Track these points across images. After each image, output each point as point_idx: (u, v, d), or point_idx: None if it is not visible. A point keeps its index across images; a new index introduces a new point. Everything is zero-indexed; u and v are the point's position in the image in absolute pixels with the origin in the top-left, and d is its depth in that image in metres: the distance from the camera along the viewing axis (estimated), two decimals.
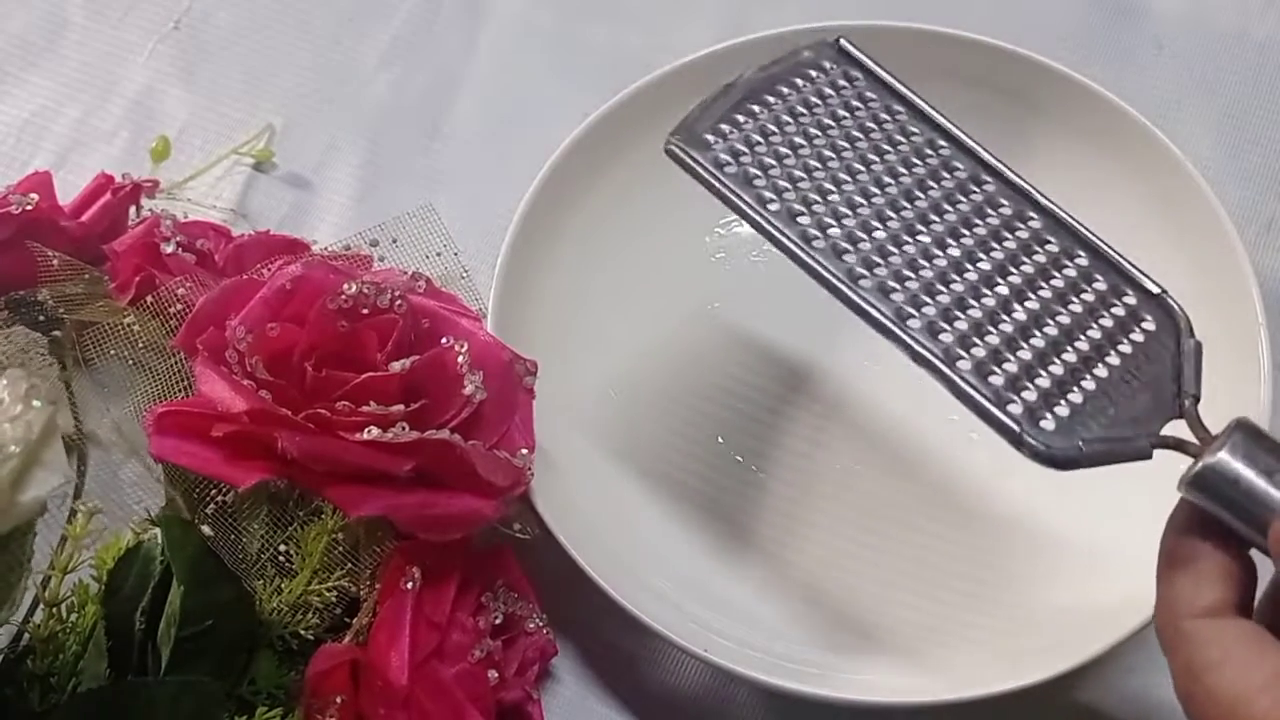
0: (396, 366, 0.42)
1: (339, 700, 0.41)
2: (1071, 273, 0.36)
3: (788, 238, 0.36)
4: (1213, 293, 0.46)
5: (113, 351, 0.47)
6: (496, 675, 0.43)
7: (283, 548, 0.43)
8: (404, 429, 0.41)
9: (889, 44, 0.52)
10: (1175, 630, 0.31)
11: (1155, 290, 0.36)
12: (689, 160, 0.38)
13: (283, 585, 0.42)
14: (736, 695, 0.47)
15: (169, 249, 0.48)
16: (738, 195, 0.37)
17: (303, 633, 0.42)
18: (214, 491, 0.43)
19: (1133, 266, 0.36)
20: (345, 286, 0.43)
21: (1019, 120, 0.51)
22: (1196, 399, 0.34)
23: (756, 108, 0.39)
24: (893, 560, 0.47)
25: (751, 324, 0.52)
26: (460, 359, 0.43)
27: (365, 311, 0.43)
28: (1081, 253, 0.37)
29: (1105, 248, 0.37)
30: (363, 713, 0.42)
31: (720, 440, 0.50)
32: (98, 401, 0.48)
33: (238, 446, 0.41)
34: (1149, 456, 0.33)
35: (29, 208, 0.48)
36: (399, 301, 0.44)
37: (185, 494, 0.44)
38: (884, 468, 0.49)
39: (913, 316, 0.35)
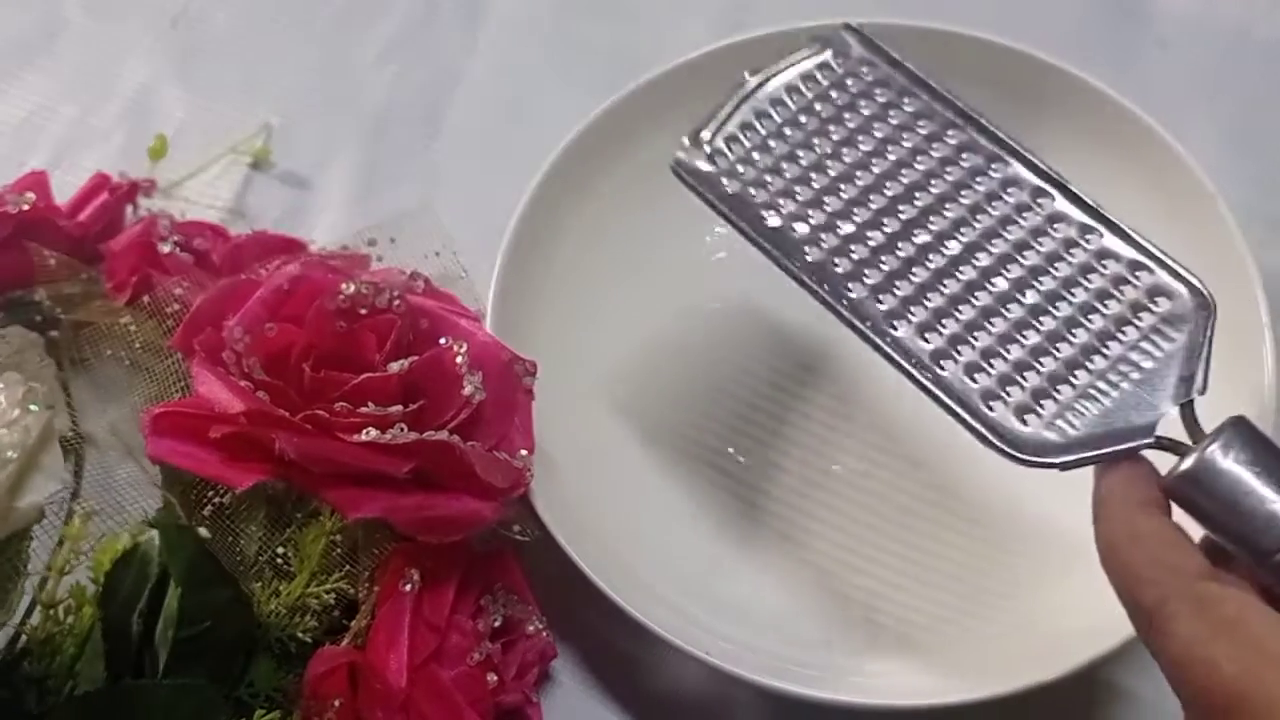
0: (395, 367, 0.42)
1: (337, 703, 0.41)
2: (1083, 257, 0.35)
3: (781, 262, 0.37)
4: (1217, 292, 0.45)
5: (109, 352, 0.47)
6: (495, 678, 0.43)
7: (280, 549, 0.43)
8: (402, 430, 0.41)
9: (892, 42, 0.52)
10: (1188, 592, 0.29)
11: (1182, 274, 0.34)
12: (688, 184, 0.39)
13: (281, 587, 0.42)
14: (737, 697, 0.47)
15: (166, 248, 0.48)
16: (735, 218, 0.38)
17: (301, 635, 0.42)
18: (211, 493, 0.43)
19: (1154, 248, 0.35)
20: (343, 286, 0.43)
21: (1023, 119, 0.50)
22: (1200, 392, 0.33)
23: (761, 115, 0.40)
24: (895, 562, 0.47)
25: (752, 324, 0.52)
26: (459, 359, 0.43)
27: (363, 311, 0.43)
28: (1097, 233, 0.36)
29: (1125, 229, 0.36)
30: (361, 715, 0.41)
31: (721, 441, 0.50)
32: (94, 402, 0.48)
33: (235, 448, 0.41)
34: (1137, 454, 0.32)
35: (25, 207, 0.48)
36: (397, 301, 0.43)
37: (182, 495, 0.44)
38: (885, 468, 0.49)
39: (902, 321, 0.35)
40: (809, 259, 0.37)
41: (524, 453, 0.44)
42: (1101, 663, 0.41)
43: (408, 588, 0.42)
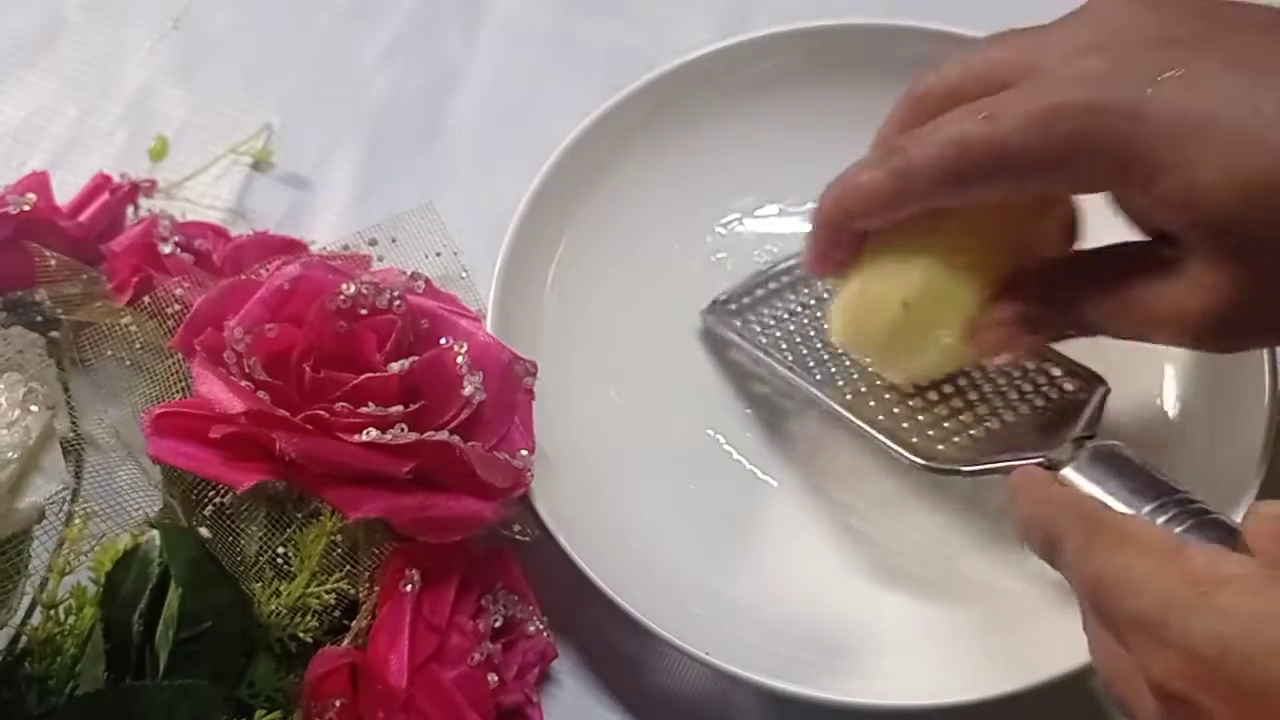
0: (395, 367, 0.42)
1: (338, 703, 0.41)
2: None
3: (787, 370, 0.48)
4: None
5: (110, 352, 0.47)
6: (496, 678, 0.43)
7: (281, 550, 0.43)
8: (403, 430, 0.41)
9: (890, 42, 0.52)
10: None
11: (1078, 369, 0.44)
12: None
13: (281, 587, 0.42)
14: (737, 697, 0.47)
15: (167, 249, 0.48)
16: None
17: (301, 635, 0.42)
18: (212, 493, 0.43)
19: (1060, 358, 0.44)
20: (344, 287, 0.43)
21: None
22: (1089, 437, 0.41)
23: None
24: (895, 561, 0.47)
25: None
26: (459, 359, 0.43)
27: (364, 312, 0.43)
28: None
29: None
30: (362, 716, 0.41)
31: (721, 441, 0.50)
32: (95, 402, 0.48)
33: (236, 448, 0.41)
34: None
35: (26, 208, 0.48)
36: (398, 302, 0.43)
37: (183, 496, 0.44)
38: (886, 469, 0.48)
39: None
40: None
41: (524, 453, 0.44)
42: None
43: (408, 588, 0.42)
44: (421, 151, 0.59)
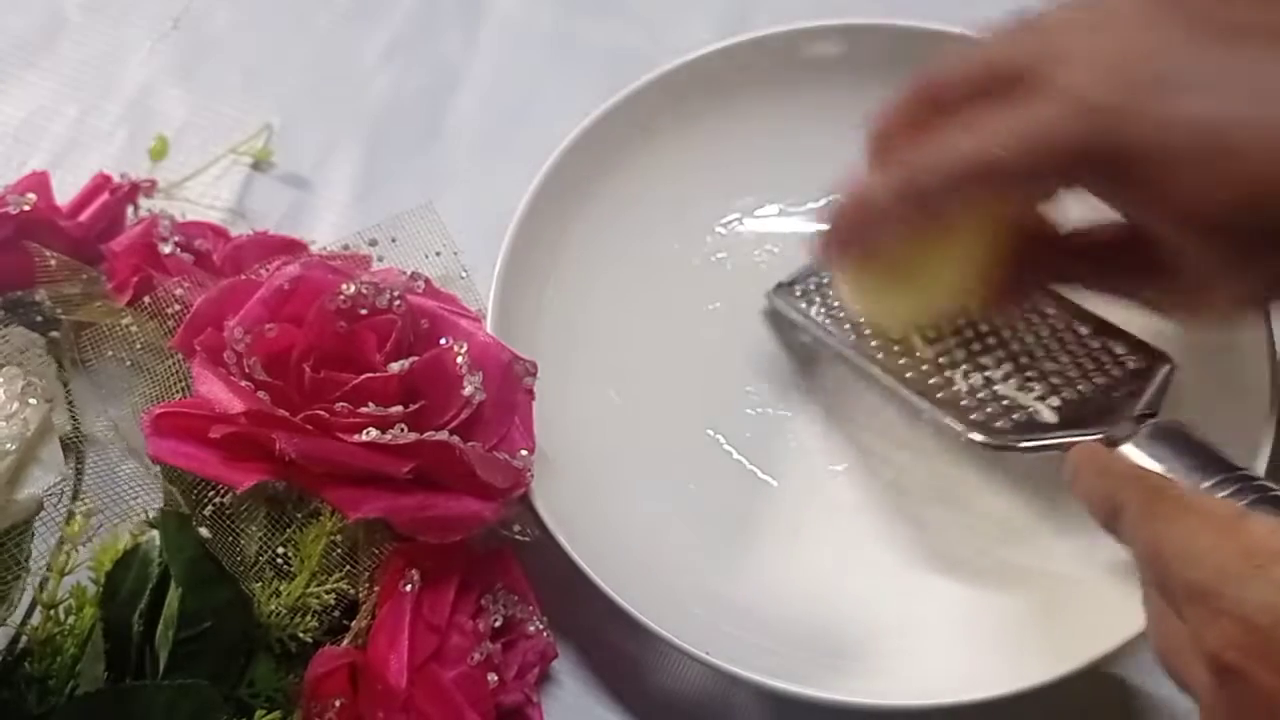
0: (395, 367, 0.42)
1: (338, 703, 0.41)
2: (1068, 336, 0.45)
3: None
4: None
5: (110, 352, 0.47)
6: (496, 678, 0.43)
7: (281, 550, 0.43)
8: (403, 430, 0.41)
9: (891, 42, 0.52)
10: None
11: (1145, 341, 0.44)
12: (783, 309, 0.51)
13: (281, 587, 0.42)
14: (737, 697, 0.47)
15: (167, 249, 0.48)
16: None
17: (301, 635, 0.42)
18: (212, 493, 0.43)
19: (1123, 334, 0.45)
20: (344, 287, 0.43)
21: None
22: (1150, 415, 0.41)
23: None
24: (896, 560, 0.47)
25: (752, 324, 0.52)
26: (459, 359, 0.43)
27: (364, 312, 0.43)
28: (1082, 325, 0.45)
29: (1097, 316, 0.45)
30: (362, 716, 0.41)
31: (721, 441, 0.50)
32: (95, 402, 0.48)
33: (236, 448, 0.41)
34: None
35: (26, 208, 0.48)
36: (398, 302, 0.43)
37: (183, 495, 0.44)
38: (886, 467, 0.49)
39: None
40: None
41: (524, 453, 0.44)
42: (1107, 661, 0.41)
43: (408, 588, 0.42)
44: (421, 151, 0.59)
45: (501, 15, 0.62)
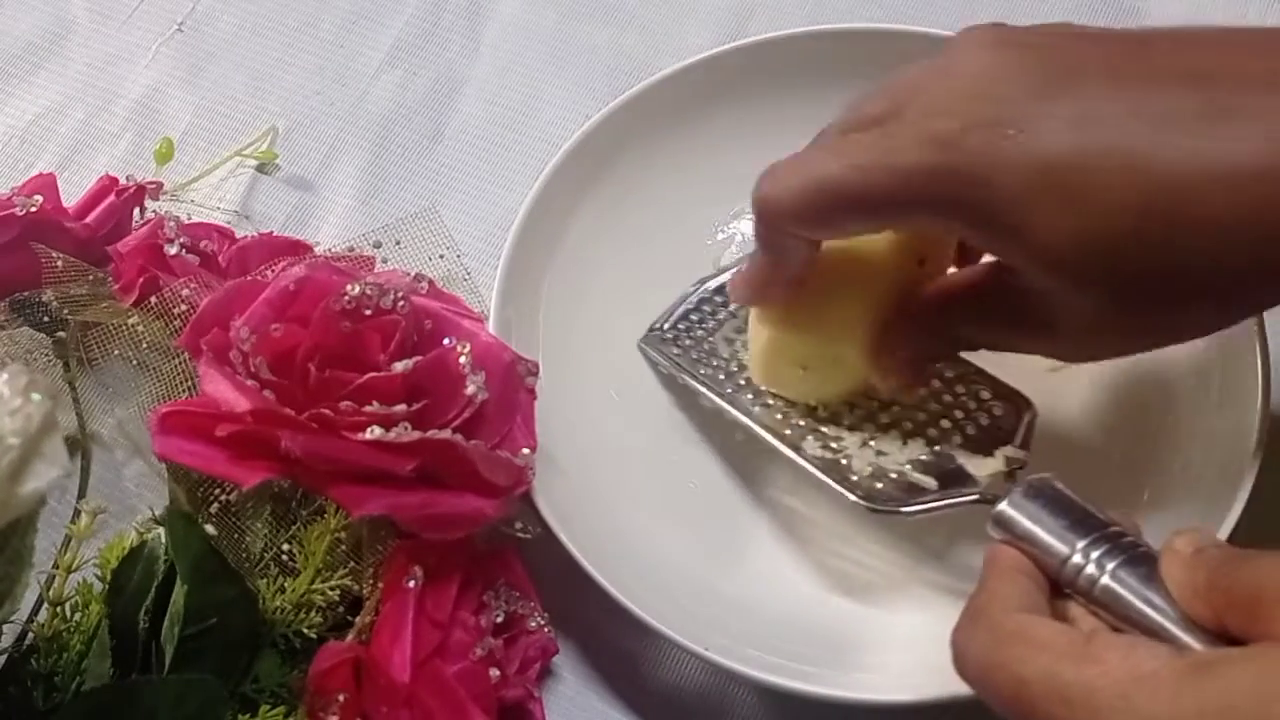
0: (399, 367, 0.42)
1: (341, 698, 0.41)
2: (938, 382, 0.46)
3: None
4: None
5: (117, 352, 0.47)
6: (498, 673, 0.43)
7: (286, 547, 0.43)
8: (406, 429, 0.41)
9: (886, 47, 0.52)
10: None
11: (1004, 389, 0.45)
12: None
13: (286, 584, 0.43)
14: (737, 693, 0.47)
15: (173, 250, 0.48)
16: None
17: (306, 631, 0.42)
18: (218, 491, 0.43)
19: (988, 380, 0.45)
20: (348, 288, 0.43)
21: None
22: (1020, 465, 0.43)
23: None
24: (896, 557, 0.47)
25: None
26: (462, 359, 0.43)
27: (368, 312, 0.43)
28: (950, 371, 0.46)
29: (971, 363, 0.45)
30: (365, 711, 0.42)
31: (722, 439, 0.50)
32: (102, 402, 0.48)
33: (241, 446, 0.41)
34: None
35: (33, 209, 0.49)
36: (402, 303, 0.44)
37: (189, 493, 0.44)
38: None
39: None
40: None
41: (526, 451, 0.45)
42: None
43: (411, 584, 0.42)
44: (425, 154, 0.59)
45: (504, 20, 0.62)
